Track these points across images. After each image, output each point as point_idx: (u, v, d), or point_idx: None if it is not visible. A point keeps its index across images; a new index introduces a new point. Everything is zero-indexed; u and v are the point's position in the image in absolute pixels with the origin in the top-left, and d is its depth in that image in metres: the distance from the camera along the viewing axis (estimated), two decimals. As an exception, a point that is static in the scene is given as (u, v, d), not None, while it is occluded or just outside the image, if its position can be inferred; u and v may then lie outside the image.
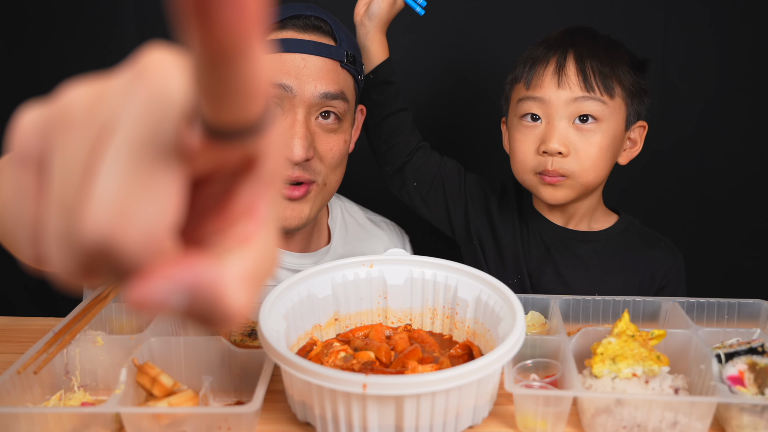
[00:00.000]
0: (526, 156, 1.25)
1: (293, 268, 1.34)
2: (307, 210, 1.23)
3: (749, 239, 1.90)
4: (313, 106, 1.19)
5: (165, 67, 0.27)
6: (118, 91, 0.27)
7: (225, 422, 0.75)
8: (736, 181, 1.87)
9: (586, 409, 0.79)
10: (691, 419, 0.77)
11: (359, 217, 1.50)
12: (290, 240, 1.34)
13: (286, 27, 1.20)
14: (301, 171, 1.18)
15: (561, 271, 1.31)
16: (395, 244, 1.50)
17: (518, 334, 0.79)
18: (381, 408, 0.73)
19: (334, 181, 1.28)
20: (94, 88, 0.29)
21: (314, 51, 1.19)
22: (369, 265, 0.99)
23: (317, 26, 1.21)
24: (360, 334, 0.96)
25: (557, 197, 1.25)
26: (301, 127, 1.17)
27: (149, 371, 0.80)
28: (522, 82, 1.26)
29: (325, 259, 1.39)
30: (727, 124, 1.83)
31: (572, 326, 1.01)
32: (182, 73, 0.26)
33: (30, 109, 0.30)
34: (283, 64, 1.17)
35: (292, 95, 1.16)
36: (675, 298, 1.02)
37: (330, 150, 1.22)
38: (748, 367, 0.81)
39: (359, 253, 1.44)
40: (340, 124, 1.23)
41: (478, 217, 1.41)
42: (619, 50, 1.25)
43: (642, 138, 1.30)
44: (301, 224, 1.23)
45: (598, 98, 1.19)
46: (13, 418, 0.74)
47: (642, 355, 0.82)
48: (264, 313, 0.82)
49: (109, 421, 0.78)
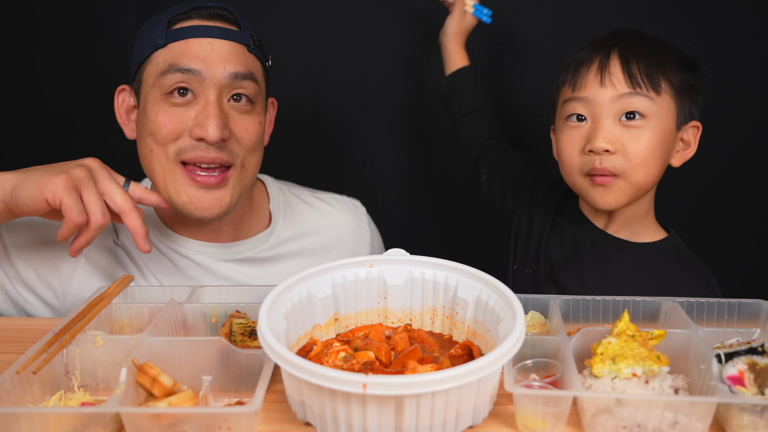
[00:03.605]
0: (572, 156, 1.24)
1: (234, 258, 1.33)
2: (228, 197, 1.21)
3: (750, 239, 1.91)
4: (224, 88, 1.19)
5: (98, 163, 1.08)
6: (91, 169, 1.06)
7: (225, 422, 0.75)
8: (737, 181, 1.87)
9: (586, 409, 0.79)
10: (691, 419, 0.77)
11: (305, 197, 1.48)
12: (219, 231, 1.33)
13: (191, 17, 1.22)
14: (217, 151, 1.18)
15: (582, 271, 1.30)
16: (347, 217, 1.48)
17: (518, 334, 0.79)
18: (381, 408, 0.73)
19: (253, 164, 1.27)
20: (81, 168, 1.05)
21: (220, 35, 1.20)
22: (369, 265, 0.98)
23: (221, 15, 1.23)
24: (360, 334, 0.96)
25: (608, 201, 1.22)
26: (214, 108, 1.17)
27: (149, 371, 0.80)
28: (567, 85, 1.26)
29: (267, 242, 1.37)
30: (727, 123, 1.83)
31: (572, 326, 1.01)
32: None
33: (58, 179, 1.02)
34: (190, 50, 1.18)
35: (201, 78, 1.17)
36: (675, 298, 1.02)
37: (246, 131, 1.22)
38: (748, 367, 0.81)
39: (308, 231, 1.43)
40: (252, 106, 1.23)
41: (523, 206, 1.45)
42: (665, 48, 1.24)
43: (696, 139, 1.26)
44: (222, 212, 1.21)
45: (645, 94, 1.18)
46: (13, 418, 0.74)
47: (642, 355, 0.82)
48: (264, 313, 0.82)
49: (109, 421, 0.78)
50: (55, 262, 1.26)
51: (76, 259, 1.26)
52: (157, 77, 1.18)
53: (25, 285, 1.25)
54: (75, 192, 1.02)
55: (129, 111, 1.28)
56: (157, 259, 1.31)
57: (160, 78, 1.18)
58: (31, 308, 1.26)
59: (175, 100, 1.18)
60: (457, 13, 1.61)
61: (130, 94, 1.27)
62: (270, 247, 1.38)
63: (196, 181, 1.19)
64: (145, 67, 1.22)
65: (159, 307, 1.01)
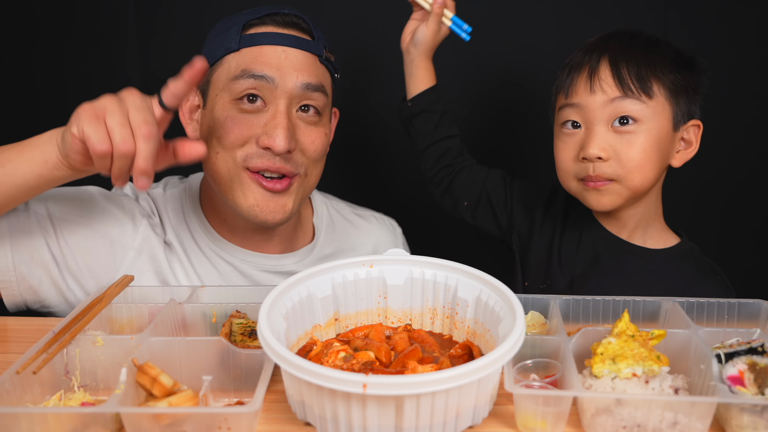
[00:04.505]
0: (567, 163, 1.24)
1: (276, 270, 1.33)
2: (290, 203, 1.22)
3: (749, 239, 1.91)
4: (294, 98, 1.19)
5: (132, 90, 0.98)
6: (120, 96, 0.97)
7: (225, 422, 0.75)
8: (738, 182, 1.87)
9: (586, 409, 0.79)
10: (691, 419, 0.77)
11: (346, 213, 1.48)
12: (270, 241, 1.33)
13: (265, 23, 1.21)
14: (282, 162, 1.18)
15: (604, 281, 1.28)
16: (385, 237, 1.48)
17: (518, 334, 0.79)
18: (381, 408, 0.73)
19: (315, 175, 1.27)
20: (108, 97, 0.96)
21: (294, 44, 1.20)
22: (369, 265, 0.98)
23: (295, 23, 1.23)
24: (360, 334, 0.96)
25: (603, 203, 1.22)
26: (283, 118, 1.17)
27: (149, 371, 0.80)
28: (562, 92, 1.26)
29: (309, 257, 1.37)
30: (727, 123, 1.83)
31: (572, 326, 1.01)
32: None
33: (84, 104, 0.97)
34: (264, 56, 1.18)
35: (273, 86, 1.17)
36: (675, 298, 1.02)
37: (312, 142, 1.22)
38: (748, 367, 0.81)
39: (348, 248, 1.43)
40: (320, 117, 1.23)
41: (521, 222, 1.41)
42: (659, 49, 1.22)
43: (697, 138, 1.25)
44: (285, 218, 1.22)
45: (636, 98, 1.17)
46: (13, 418, 0.74)
47: (642, 355, 0.82)
48: (264, 313, 0.82)
49: (109, 421, 0.78)
50: (104, 253, 1.23)
51: (124, 252, 1.23)
52: (229, 81, 1.18)
53: (70, 272, 1.21)
54: (96, 120, 0.93)
55: (193, 110, 1.27)
56: (200, 261, 1.30)
57: (232, 83, 1.18)
58: (71, 296, 1.22)
59: (245, 107, 1.17)
60: (432, 25, 1.38)
61: (195, 93, 1.26)
62: (312, 262, 1.37)
63: (263, 186, 1.18)
64: (216, 69, 1.21)
65: (159, 307, 1.01)
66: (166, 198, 1.33)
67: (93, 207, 1.24)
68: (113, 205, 1.26)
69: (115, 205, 1.27)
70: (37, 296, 1.20)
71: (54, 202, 1.21)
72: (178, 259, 1.29)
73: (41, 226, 1.18)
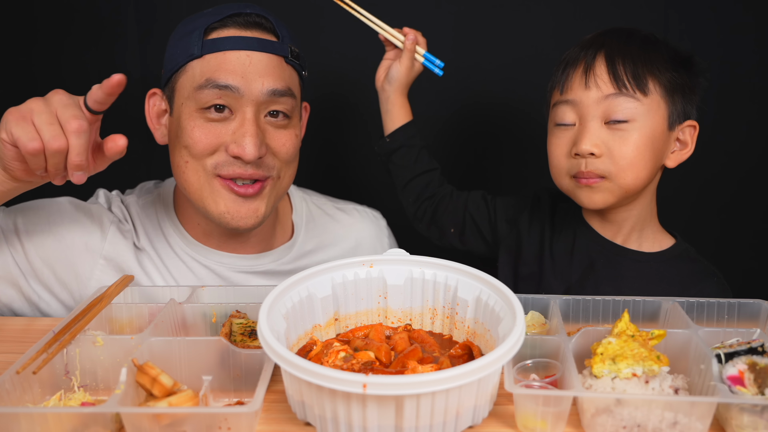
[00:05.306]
0: (560, 159, 1.24)
1: (252, 270, 1.32)
2: (263, 207, 1.21)
3: (749, 239, 1.91)
4: (261, 104, 1.18)
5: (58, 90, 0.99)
6: (45, 97, 0.97)
7: (225, 422, 0.75)
8: (737, 182, 1.87)
9: (586, 409, 0.79)
10: (691, 419, 0.77)
11: (327, 208, 1.47)
12: (247, 242, 1.32)
13: (227, 25, 1.18)
14: (254, 168, 1.17)
15: (601, 287, 1.27)
16: (368, 230, 1.47)
17: (518, 334, 0.79)
18: (381, 408, 0.73)
19: (288, 176, 1.26)
20: (34, 99, 0.97)
21: (258, 47, 1.17)
22: (369, 265, 0.98)
23: (259, 23, 1.20)
24: (360, 334, 0.95)
25: (595, 200, 1.21)
26: (251, 125, 1.15)
27: (149, 371, 0.80)
28: (557, 88, 1.25)
29: (288, 255, 1.36)
30: (726, 123, 1.83)
31: (572, 326, 1.01)
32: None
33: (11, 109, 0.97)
34: (227, 64, 1.16)
35: (239, 95, 1.15)
36: (675, 298, 1.02)
37: (283, 145, 1.21)
38: (748, 367, 0.81)
39: (330, 243, 1.42)
40: (289, 120, 1.22)
41: (505, 236, 1.41)
42: (656, 47, 1.21)
43: (693, 139, 1.24)
44: (257, 222, 1.21)
45: (631, 95, 1.17)
46: (13, 418, 0.74)
47: (642, 355, 0.82)
48: (264, 313, 0.82)
49: (109, 421, 0.78)
50: (73, 262, 1.24)
51: (93, 261, 1.24)
52: (193, 90, 1.17)
53: (40, 282, 1.22)
54: (24, 121, 0.94)
55: (160, 115, 1.26)
56: (176, 266, 1.29)
57: (197, 92, 1.16)
58: (45, 306, 1.23)
59: (212, 116, 1.16)
60: (406, 62, 1.41)
61: (161, 98, 1.25)
62: (291, 260, 1.36)
63: (234, 191, 1.18)
64: (179, 76, 1.19)
65: (159, 307, 1.01)
66: (140, 204, 1.33)
67: (61, 217, 1.25)
68: (81, 214, 1.26)
69: (84, 213, 1.27)
70: (12, 311, 1.23)
71: (22, 216, 1.22)
72: (153, 264, 1.28)
73: (7, 240, 1.20)
